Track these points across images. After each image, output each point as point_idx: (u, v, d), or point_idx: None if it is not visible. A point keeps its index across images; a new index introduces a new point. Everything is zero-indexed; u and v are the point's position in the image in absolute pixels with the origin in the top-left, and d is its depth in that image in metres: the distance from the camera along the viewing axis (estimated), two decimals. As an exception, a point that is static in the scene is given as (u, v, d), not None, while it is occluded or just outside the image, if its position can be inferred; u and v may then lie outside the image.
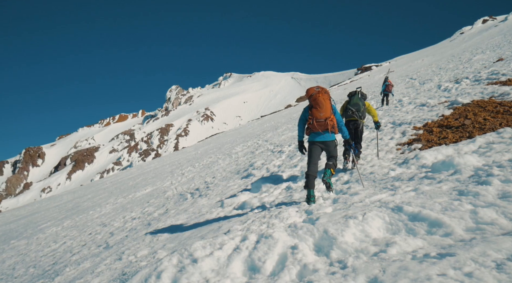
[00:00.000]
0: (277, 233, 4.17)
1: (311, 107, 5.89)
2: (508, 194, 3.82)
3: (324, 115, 5.78)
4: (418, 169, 6.28)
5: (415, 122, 10.08)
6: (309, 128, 5.93)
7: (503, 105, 9.06)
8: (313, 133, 5.95)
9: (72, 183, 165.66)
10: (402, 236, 3.61)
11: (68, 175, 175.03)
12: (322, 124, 5.80)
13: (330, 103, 5.87)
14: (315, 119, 5.80)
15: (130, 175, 35.96)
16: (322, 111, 5.78)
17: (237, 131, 49.69)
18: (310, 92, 5.94)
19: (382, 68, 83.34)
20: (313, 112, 5.83)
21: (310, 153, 5.98)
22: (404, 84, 26.71)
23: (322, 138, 5.90)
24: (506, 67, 15.13)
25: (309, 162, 5.95)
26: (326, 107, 5.80)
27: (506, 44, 32.30)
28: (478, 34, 75.51)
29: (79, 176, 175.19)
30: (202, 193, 11.25)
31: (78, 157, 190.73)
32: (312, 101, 5.88)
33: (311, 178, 5.79)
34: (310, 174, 5.81)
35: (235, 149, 22.87)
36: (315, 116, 5.80)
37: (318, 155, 5.98)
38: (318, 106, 5.79)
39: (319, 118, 5.78)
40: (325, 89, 5.96)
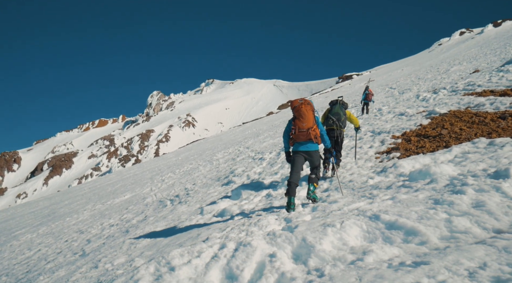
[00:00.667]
0: (255, 241, 4.16)
1: (295, 118, 6.07)
2: (482, 203, 3.90)
3: (307, 126, 5.96)
4: (396, 178, 6.37)
5: (394, 131, 10.23)
6: (293, 139, 6.10)
7: (478, 116, 9.29)
8: (297, 143, 6.12)
9: (49, 188, 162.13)
10: (379, 244, 3.64)
11: (45, 181, 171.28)
12: (304, 134, 5.98)
13: (312, 114, 6.06)
14: (298, 129, 5.98)
15: (109, 181, 35.42)
16: (305, 122, 5.96)
17: (218, 138, 49.58)
18: (294, 104, 6.14)
19: (362, 77, 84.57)
20: (296, 123, 6.01)
21: (293, 162, 6.12)
22: (384, 93, 27.16)
23: (305, 148, 6.06)
24: (482, 79, 15.52)
25: (292, 170, 6.07)
26: (309, 118, 5.98)
27: (482, 56, 33.21)
28: (455, 46, 77.43)
29: (56, 181, 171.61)
30: (182, 199, 11.16)
31: (55, 162, 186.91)
32: (295, 112, 6.06)
33: (292, 186, 5.91)
34: (292, 181, 5.94)
35: (216, 155, 22.80)
36: (298, 126, 5.98)
37: (301, 164, 6.12)
38: (301, 117, 5.98)
39: (301, 128, 5.96)
40: (308, 101, 6.15)
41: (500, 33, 67.89)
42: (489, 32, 79.32)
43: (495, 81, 14.09)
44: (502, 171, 4.69)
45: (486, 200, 3.92)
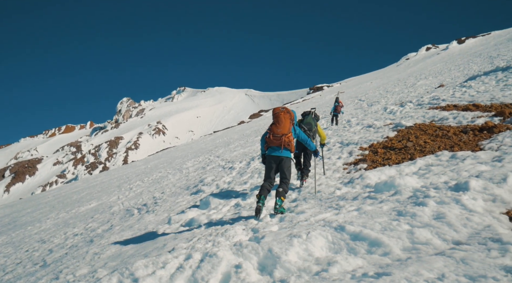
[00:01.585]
0: (222, 251, 4.13)
1: (272, 124, 6.31)
2: (442, 215, 4.02)
3: (281, 132, 6.16)
4: (362, 189, 6.48)
5: (362, 143, 10.43)
6: (267, 143, 6.29)
7: (442, 129, 9.60)
8: (270, 148, 6.30)
9: (10, 196, 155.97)
10: (344, 255, 3.69)
11: (6, 188, 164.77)
12: (278, 139, 6.16)
13: (289, 122, 6.28)
14: (272, 134, 6.20)
15: (75, 188, 34.45)
16: (280, 128, 6.17)
17: (189, 146, 49.20)
18: (275, 111, 6.37)
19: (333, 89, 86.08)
20: (272, 128, 6.25)
21: (266, 167, 6.39)
22: (354, 105, 27.71)
23: (278, 153, 6.23)
24: (446, 93, 16.08)
25: (265, 175, 6.37)
26: (285, 125, 6.20)
27: (447, 71, 34.43)
28: (422, 61, 79.98)
29: (18, 188, 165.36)
30: (149, 208, 10.97)
31: (18, 168, 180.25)
32: (274, 118, 6.30)
33: (264, 189, 6.15)
34: (264, 185, 6.22)
35: (186, 163, 22.59)
36: (273, 131, 6.21)
37: (273, 168, 6.32)
38: (278, 123, 6.22)
39: (276, 133, 6.17)
40: (289, 110, 6.39)
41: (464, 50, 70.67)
42: (454, 48, 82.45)
43: (458, 96, 14.63)
44: (462, 183, 4.85)
45: (446, 212, 4.05)
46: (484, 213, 4.05)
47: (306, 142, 6.74)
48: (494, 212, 4.09)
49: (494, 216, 3.99)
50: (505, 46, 41.73)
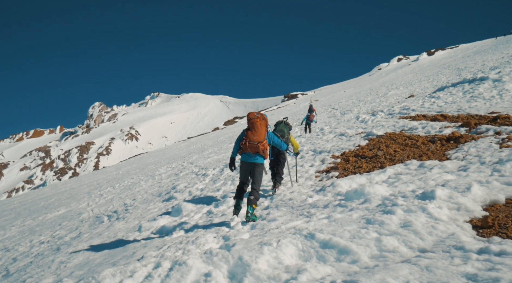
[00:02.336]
0: (191, 259, 4.09)
1: (248, 130, 6.33)
2: (409, 223, 4.11)
3: (257, 139, 6.21)
4: (334, 197, 6.56)
5: (334, 151, 10.57)
6: (242, 149, 6.34)
7: (411, 139, 9.84)
8: (245, 154, 6.37)
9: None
10: (313, 263, 3.72)
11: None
12: (254, 147, 6.22)
13: (265, 129, 6.35)
14: (248, 141, 6.22)
15: (43, 194, 33.44)
16: (256, 135, 6.22)
17: (162, 152, 48.63)
18: (250, 116, 6.41)
19: (307, 97, 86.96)
20: (248, 134, 6.26)
21: (240, 172, 6.50)
22: (327, 113, 28.07)
23: (252, 160, 6.32)
24: (416, 104, 16.51)
25: (240, 179, 6.49)
26: (261, 132, 6.26)
27: (417, 82, 35.37)
28: (393, 71, 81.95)
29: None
30: (120, 215, 10.76)
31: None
32: (249, 124, 6.33)
33: (241, 191, 6.34)
34: (241, 187, 6.39)
35: (159, 170, 22.31)
36: (249, 138, 6.23)
37: (248, 174, 6.44)
38: (254, 130, 6.24)
39: (252, 141, 6.21)
40: (264, 116, 6.45)
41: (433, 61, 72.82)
42: (424, 60, 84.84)
43: (428, 106, 15.04)
44: (429, 192, 4.98)
45: (413, 220, 4.14)
46: (448, 221, 4.16)
47: (279, 145, 6.83)
48: (458, 220, 4.21)
49: (458, 224, 4.11)
50: (472, 59, 43.23)
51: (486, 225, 4.08)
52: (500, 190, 4.94)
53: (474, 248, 3.36)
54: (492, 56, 36.29)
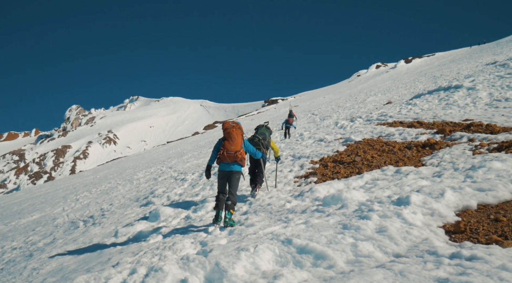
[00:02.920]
0: (167, 265, 4.05)
1: (224, 139, 6.40)
2: (384, 228, 4.17)
3: (235, 149, 6.32)
4: (312, 202, 6.60)
5: (313, 157, 10.65)
6: (220, 158, 6.41)
7: (388, 145, 10.00)
8: (223, 163, 6.45)
9: None
10: (290, 268, 3.73)
11: None
12: (231, 156, 6.32)
13: (241, 138, 6.47)
14: (225, 151, 6.31)
15: (16, 199, 32.56)
16: (233, 145, 6.32)
17: (141, 156, 48.07)
18: (226, 126, 6.53)
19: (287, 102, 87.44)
20: (225, 144, 6.34)
21: (219, 181, 6.49)
22: (307, 119, 28.30)
23: (230, 168, 6.40)
24: (393, 110, 16.80)
25: (218, 188, 6.45)
26: (238, 141, 6.37)
27: (395, 89, 36.01)
28: (372, 78, 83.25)
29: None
30: (96, 221, 10.58)
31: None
32: (226, 134, 6.42)
33: (221, 201, 6.25)
34: (220, 197, 6.31)
35: (137, 174, 22.04)
36: (226, 148, 6.31)
37: (226, 182, 6.47)
38: (230, 140, 6.34)
39: (229, 150, 6.30)
40: (239, 125, 6.58)
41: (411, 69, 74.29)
42: (401, 67, 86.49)
43: (404, 113, 15.32)
44: (404, 198, 5.07)
45: (388, 226, 4.21)
46: (422, 227, 4.25)
47: (254, 153, 7.00)
48: (431, 226, 4.30)
49: (431, 229, 4.20)
50: (448, 67, 44.28)
51: (458, 230, 4.18)
52: (472, 195, 5.07)
53: (446, 253, 3.43)
54: (466, 64, 37.26)
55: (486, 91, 15.19)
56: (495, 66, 24.52)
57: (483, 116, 11.27)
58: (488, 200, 4.95)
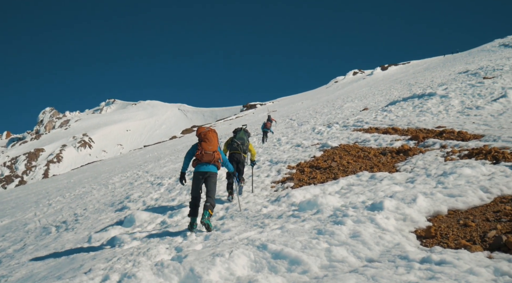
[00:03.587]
0: (141, 272, 4.01)
1: (201, 141, 6.50)
2: (358, 233, 4.24)
3: (212, 149, 6.46)
4: (288, 207, 6.64)
5: (290, 162, 10.72)
6: (197, 160, 6.48)
7: (364, 151, 10.17)
8: (199, 164, 6.48)
9: None
10: (265, 273, 3.75)
11: None
12: (209, 155, 6.40)
13: (217, 140, 6.64)
14: (204, 151, 6.39)
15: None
16: (211, 145, 6.46)
17: (116, 160, 47.35)
18: (201, 130, 6.68)
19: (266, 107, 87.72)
20: (202, 145, 6.46)
21: (194, 183, 6.50)
22: (285, 124, 28.46)
23: (207, 169, 6.45)
24: (369, 117, 17.07)
25: (193, 192, 6.46)
26: (214, 142, 6.54)
27: (371, 95, 36.61)
28: (349, 84, 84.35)
29: None
30: (69, 226, 10.35)
31: None
32: (202, 136, 6.54)
33: (195, 208, 6.29)
34: (194, 203, 6.34)
35: (112, 179, 21.69)
36: (204, 148, 6.42)
37: (201, 184, 6.50)
38: (207, 140, 6.48)
39: (207, 150, 6.40)
40: (214, 129, 6.72)
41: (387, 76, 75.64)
42: (378, 74, 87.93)
43: (380, 119, 15.60)
44: (378, 203, 5.17)
45: (362, 231, 4.28)
46: (395, 232, 4.33)
47: (226, 162, 7.03)
48: (404, 231, 4.39)
49: (403, 234, 4.29)
50: (422, 75, 45.29)
51: (429, 235, 4.28)
52: (443, 201, 5.21)
53: (417, 258, 3.51)
54: (440, 73, 38.22)
55: (458, 99, 15.63)
56: (467, 75, 25.27)
57: (455, 124, 11.59)
58: (458, 205, 5.10)
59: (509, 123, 10.62)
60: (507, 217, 4.41)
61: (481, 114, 12.63)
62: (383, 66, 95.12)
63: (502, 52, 44.25)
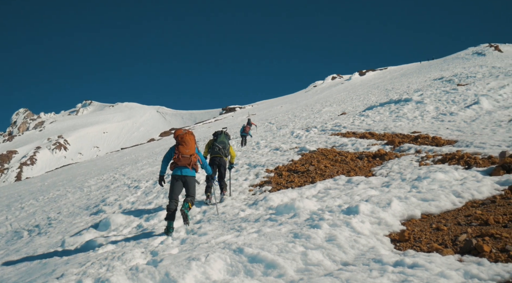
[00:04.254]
0: (115, 276, 3.94)
1: (178, 145, 6.48)
2: (334, 237, 4.28)
3: (189, 152, 6.43)
4: (265, 211, 6.65)
5: (268, 165, 10.74)
6: (174, 163, 6.46)
7: (341, 155, 10.28)
8: (177, 167, 6.46)
9: None
10: (241, 277, 3.74)
11: None
12: (187, 159, 6.39)
13: (195, 143, 6.61)
14: (181, 155, 6.38)
15: (-46, 207, 30.53)
16: (188, 148, 6.44)
17: (93, 163, 46.51)
18: (178, 133, 6.64)
19: (245, 110, 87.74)
20: (179, 148, 6.43)
21: (171, 187, 6.44)
22: (264, 127, 28.54)
23: (185, 172, 6.43)
24: (347, 121, 17.30)
25: (171, 196, 6.37)
26: (191, 145, 6.51)
27: (349, 100, 37.08)
28: (328, 89, 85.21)
29: None
30: (42, 230, 10.10)
31: None
32: (179, 139, 6.51)
33: (172, 212, 6.20)
34: (171, 207, 6.23)
35: (88, 181, 21.29)
36: (181, 152, 6.40)
37: (179, 189, 6.45)
38: (184, 144, 6.45)
39: (184, 154, 6.39)
40: (191, 132, 6.72)
41: (364, 81, 76.69)
42: (356, 79, 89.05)
43: (357, 124, 15.83)
44: (353, 207, 5.23)
45: (337, 235, 4.32)
46: (370, 235, 4.39)
47: (204, 165, 7.06)
48: (378, 234, 4.46)
49: (378, 238, 4.35)
50: (399, 80, 46.16)
51: (403, 239, 4.35)
52: (417, 205, 5.32)
53: (391, 261, 3.57)
54: (416, 79, 39.04)
55: (433, 105, 15.99)
56: (442, 81, 25.89)
57: (429, 129, 11.85)
58: (431, 209, 5.21)
59: (481, 129, 10.93)
60: (478, 221, 4.52)
61: (455, 120, 12.95)
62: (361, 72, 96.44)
63: (476, 60, 45.56)
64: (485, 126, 11.25)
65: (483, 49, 57.52)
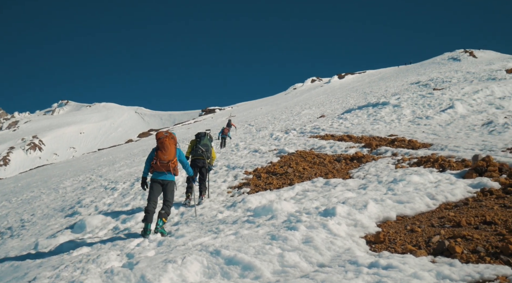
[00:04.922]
0: (89, 279, 3.88)
1: (158, 149, 6.48)
2: (310, 239, 4.31)
3: (168, 158, 6.42)
4: (243, 213, 6.66)
5: (247, 167, 10.74)
6: (153, 168, 6.48)
7: (320, 157, 10.37)
8: (156, 172, 6.50)
9: None
10: (217, 279, 3.73)
11: None
12: (164, 165, 6.40)
13: (174, 147, 6.58)
14: (159, 161, 6.39)
15: None
16: (166, 154, 6.41)
17: (69, 164, 45.60)
18: (159, 136, 6.61)
19: (225, 112, 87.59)
20: (158, 154, 6.43)
21: (151, 190, 6.49)
22: (243, 129, 28.54)
23: (164, 177, 6.46)
24: (326, 124, 17.45)
25: (149, 198, 6.41)
26: (171, 151, 6.48)
27: (328, 103, 37.45)
28: (307, 91, 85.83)
29: None
30: (14, 232, 9.85)
31: None
32: (159, 144, 6.50)
33: (150, 213, 6.22)
34: (149, 209, 6.26)
35: (63, 183, 20.86)
36: (159, 158, 6.40)
37: (158, 192, 6.51)
38: (163, 149, 6.43)
39: (162, 160, 6.39)
40: (173, 135, 6.69)
41: (343, 84, 77.59)
42: (335, 82, 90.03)
43: (336, 127, 15.98)
44: (330, 209, 5.28)
45: (314, 236, 4.35)
46: (346, 237, 4.44)
47: (185, 166, 7.10)
48: (354, 236, 4.51)
49: (354, 239, 4.41)
50: (377, 84, 46.90)
51: (378, 241, 4.42)
52: (392, 207, 5.41)
53: (366, 262, 3.62)
54: (394, 83, 39.74)
55: (409, 109, 16.29)
56: (419, 85, 26.43)
57: (406, 132, 12.06)
58: (406, 211, 5.31)
59: (456, 133, 11.19)
60: (451, 223, 4.63)
61: (430, 124, 13.23)
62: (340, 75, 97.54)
63: (451, 65, 46.68)
64: (459, 130, 11.53)
65: (459, 55, 58.95)
